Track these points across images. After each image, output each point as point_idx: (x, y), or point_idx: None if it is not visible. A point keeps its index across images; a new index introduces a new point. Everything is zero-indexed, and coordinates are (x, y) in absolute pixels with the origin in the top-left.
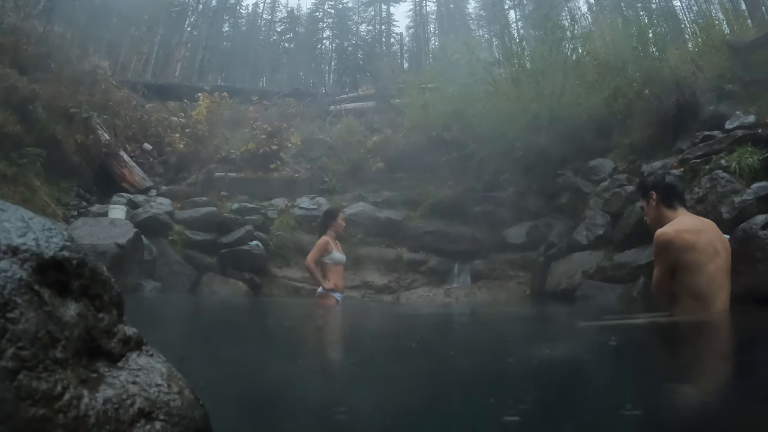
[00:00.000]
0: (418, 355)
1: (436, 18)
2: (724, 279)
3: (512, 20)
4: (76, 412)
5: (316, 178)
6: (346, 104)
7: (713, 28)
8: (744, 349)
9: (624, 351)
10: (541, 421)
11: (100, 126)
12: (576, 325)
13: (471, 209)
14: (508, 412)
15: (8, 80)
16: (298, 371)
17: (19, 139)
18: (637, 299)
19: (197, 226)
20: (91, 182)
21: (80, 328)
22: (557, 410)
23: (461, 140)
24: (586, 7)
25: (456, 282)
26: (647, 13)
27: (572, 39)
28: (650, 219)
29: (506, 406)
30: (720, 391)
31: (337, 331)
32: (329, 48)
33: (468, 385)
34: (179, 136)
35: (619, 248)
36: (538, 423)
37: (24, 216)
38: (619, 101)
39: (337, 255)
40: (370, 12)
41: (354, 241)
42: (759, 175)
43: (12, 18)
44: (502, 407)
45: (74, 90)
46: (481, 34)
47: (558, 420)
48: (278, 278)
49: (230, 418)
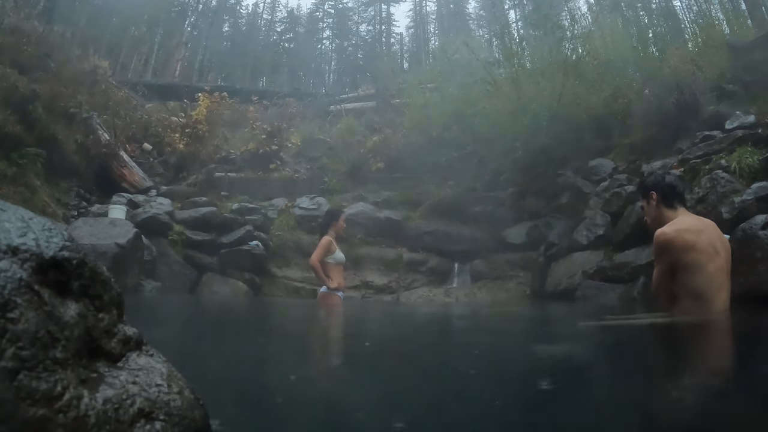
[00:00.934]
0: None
1: (436, 18)
2: (724, 279)
3: (512, 20)
4: (76, 412)
5: (316, 178)
6: (346, 104)
7: (713, 28)
8: (744, 349)
9: (624, 351)
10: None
11: (100, 126)
12: (577, 325)
13: (471, 209)
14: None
15: (8, 80)
16: (313, 371)
17: (19, 139)
18: (637, 299)
19: (197, 226)
20: (91, 182)
21: (80, 328)
22: (558, 410)
23: (461, 140)
24: (586, 7)
25: (456, 282)
26: (647, 13)
27: (572, 39)
28: (650, 219)
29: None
30: (720, 391)
31: (353, 330)
32: (329, 48)
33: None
34: (179, 136)
35: (619, 248)
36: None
37: (24, 216)
38: (619, 101)
39: (339, 255)
40: (370, 12)
41: (354, 241)
42: (759, 175)
43: (12, 18)
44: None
45: (74, 90)
46: (481, 34)
47: (558, 420)
48: (278, 278)
49: (231, 418)
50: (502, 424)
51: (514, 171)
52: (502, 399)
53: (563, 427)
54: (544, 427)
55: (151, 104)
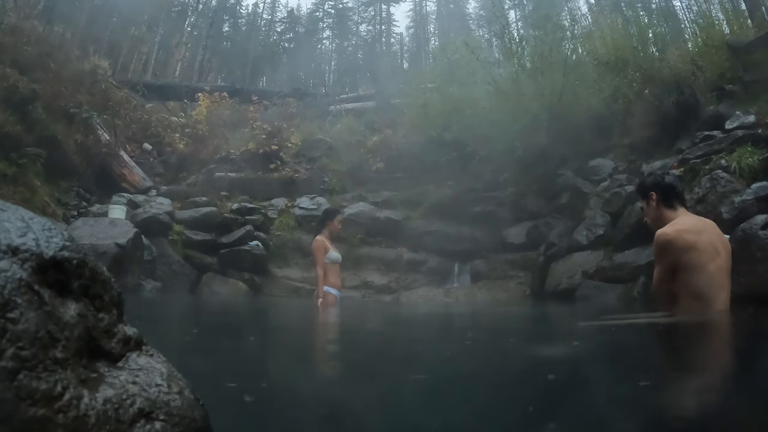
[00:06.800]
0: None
1: (436, 18)
2: (724, 279)
3: (512, 20)
4: (76, 412)
5: (316, 178)
6: (346, 104)
7: (713, 28)
8: (744, 349)
9: (624, 351)
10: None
11: (100, 126)
12: (577, 325)
13: (471, 209)
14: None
15: (8, 80)
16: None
17: (19, 139)
18: (637, 299)
19: (197, 226)
20: (91, 182)
21: (80, 328)
22: (559, 410)
23: (461, 140)
24: (586, 7)
25: (456, 282)
26: (647, 13)
27: (572, 39)
28: (650, 219)
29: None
30: (720, 391)
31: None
32: (329, 48)
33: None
34: (179, 136)
35: (619, 248)
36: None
37: (24, 216)
38: (619, 101)
39: (334, 254)
40: (370, 12)
41: (354, 241)
42: (759, 175)
43: (12, 18)
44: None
45: (74, 90)
46: (481, 34)
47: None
48: (278, 278)
49: (230, 417)
50: (502, 425)
51: (514, 171)
52: (506, 398)
53: (563, 427)
54: (544, 428)
55: (151, 104)
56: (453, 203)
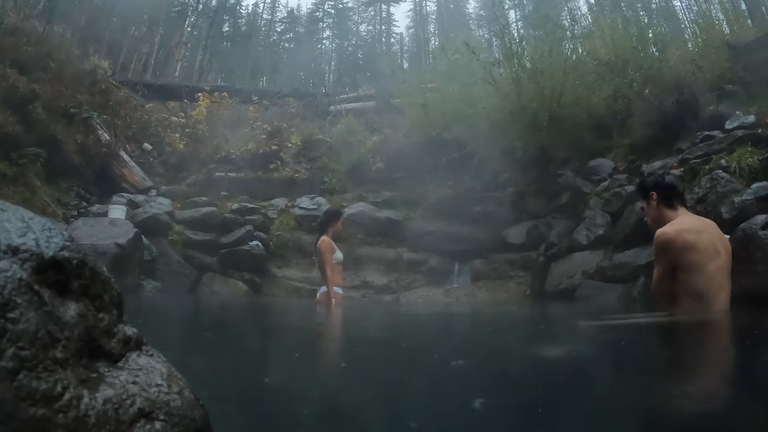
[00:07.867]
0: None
1: (436, 18)
2: (724, 279)
3: (512, 20)
4: (76, 412)
5: (316, 178)
6: (346, 104)
7: (713, 28)
8: (744, 349)
9: (624, 351)
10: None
11: (100, 126)
12: (577, 325)
13: (471, 209)
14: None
15: (8, 80)
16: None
17: (19, 139)
18: (637, 299)
19: (197, 226)
20: (91, 182)
21: (80, 328)
22: (561, 410)
23: (461, 140)
24: (586, 7)
25: (456, 282)
26: (647, 13)
27: (572, 39)
28: (651, 219)
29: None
30: (720, 391)
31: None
32: (329, 48)
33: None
34: (179, 136)
35: (619, 248)
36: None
37: (24, 216)
38: (619, 101)
39: (338, 254)
40: (370, 12)
41: (354, 241)
42: (759, 175)
43: (12, 18)
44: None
45: (74, 90)
46: (481, 34)
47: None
48: (278, 278)
49: (231, 417)
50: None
51: (514, 171)
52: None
53: (565, 427)
54: (545, 428)
55: (151, 104)
56: (453, 203)
